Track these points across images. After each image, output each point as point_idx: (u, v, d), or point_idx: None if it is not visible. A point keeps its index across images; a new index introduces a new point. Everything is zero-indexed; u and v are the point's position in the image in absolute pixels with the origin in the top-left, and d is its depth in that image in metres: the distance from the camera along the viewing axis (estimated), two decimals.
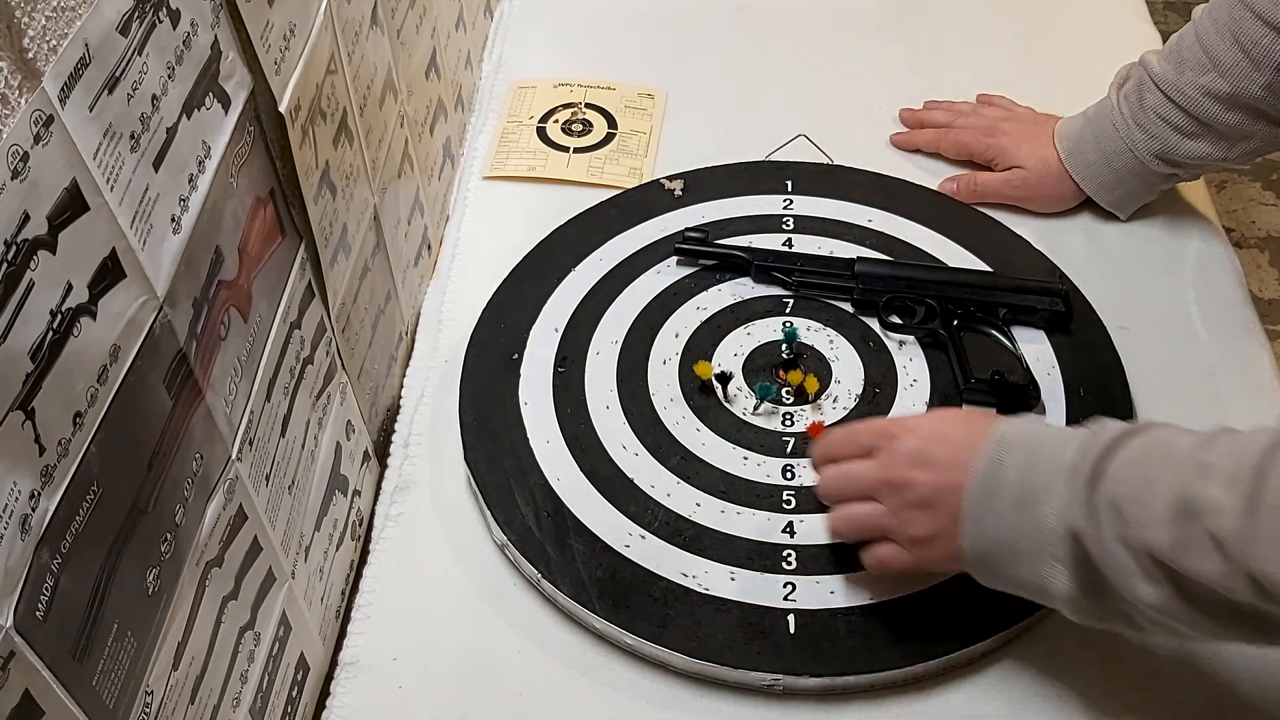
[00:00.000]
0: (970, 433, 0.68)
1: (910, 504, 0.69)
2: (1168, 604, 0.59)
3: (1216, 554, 0.56)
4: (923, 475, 0.68)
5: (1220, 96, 0.88)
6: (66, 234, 0.46)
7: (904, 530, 0.69)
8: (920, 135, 1.08)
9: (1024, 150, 1.01)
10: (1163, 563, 0.58)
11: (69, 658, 0.47)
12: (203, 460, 0.59)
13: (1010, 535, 0.64)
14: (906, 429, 0.71)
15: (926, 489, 0.68)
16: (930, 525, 0.68)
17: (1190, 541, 0.57)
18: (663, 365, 0.88)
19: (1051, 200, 1.01)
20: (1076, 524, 0.61)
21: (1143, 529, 0.59)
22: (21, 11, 0.43)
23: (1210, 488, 0.57)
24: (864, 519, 0.72)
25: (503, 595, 0.79)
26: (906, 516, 0.69)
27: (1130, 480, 0.60)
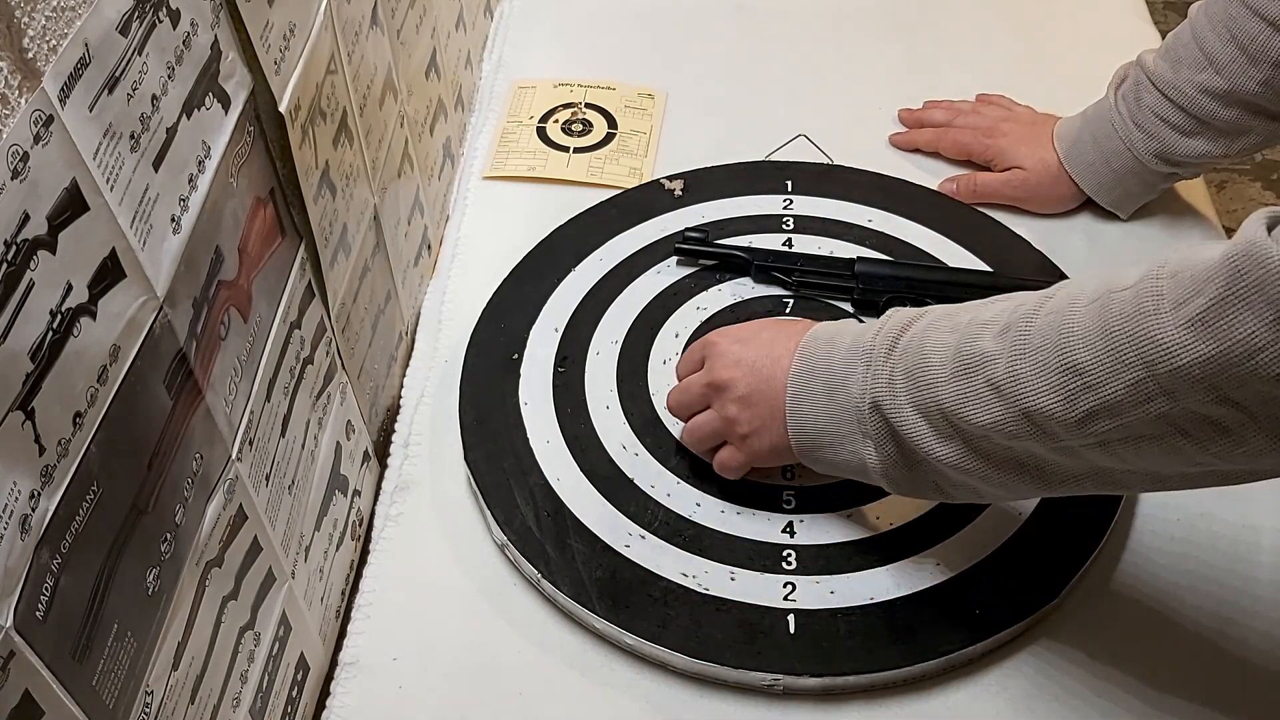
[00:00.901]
0: (784, 331, 0.75)
1: (733, 401, 0.74)
2: (962, 460, 0.64)
3: (993, 399, 0.61)
4: (741, 374, 0.74)
5: (1217, 94, 0.88)
6: (66, 234, 0.46)
7: (733, 430, 0.75)
8: (919, 135, 1.08)
9: (1023, 151, 1.01)
10: (951, 419, 0.63)
11: (69, 658, 0.47)
12: (203, 460, 0.59)
13: (826, 419, 0.70)
14: (725, 334, 0.77)
15: (745, 386, 0.73)
16: (753, 420, 0.74)
17: (971, 393, 0.62)
18: (663, 365, 0.88)
19: (1051, 201, 1.01)
20: (876, 397, 0.67)
21: (930, 389, 0.64)
22: (21, 11, 0.43)
23: (984, 340, 0.62)
24: (700, 426, 0.78)
25: (503, 595, 0.79)
26: (731, 414, 0.75)
27: (917, 348, 0.65)
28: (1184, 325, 0.52)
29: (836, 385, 0.69)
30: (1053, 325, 0.59)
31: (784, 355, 0.72)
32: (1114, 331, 0.55)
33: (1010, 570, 0.76)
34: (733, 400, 0.74)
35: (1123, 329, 0.55)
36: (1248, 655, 0.74)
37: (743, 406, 0.74)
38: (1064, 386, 0.58)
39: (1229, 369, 0.51)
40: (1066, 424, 0.58)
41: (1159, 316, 0.54)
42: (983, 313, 0.64)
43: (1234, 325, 0.51)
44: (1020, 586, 0.75)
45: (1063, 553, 0.77)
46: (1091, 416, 0.57)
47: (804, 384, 0.71)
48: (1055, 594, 0.75)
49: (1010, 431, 0.60)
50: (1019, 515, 0.78)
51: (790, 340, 0.73)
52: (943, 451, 0.64)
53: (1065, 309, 0.59)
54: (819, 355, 0.71)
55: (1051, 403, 0.58)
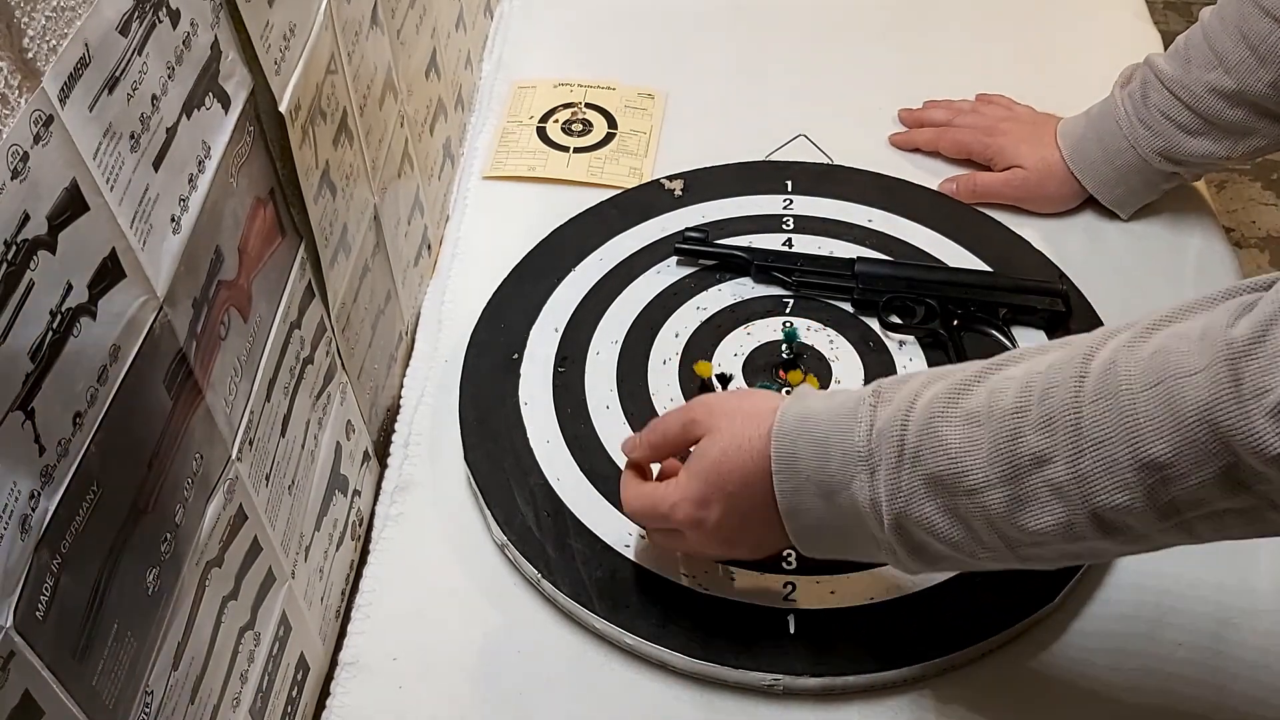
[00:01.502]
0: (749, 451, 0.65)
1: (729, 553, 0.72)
2: (1010, 560, 0.59)
3: (1057, 502, 0.55)
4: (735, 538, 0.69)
5: (1225, 93, 0.88)
6: (66, 234, 0.46)
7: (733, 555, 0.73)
8: (919, 134, 1.08)
9: (1024, 150, 1.01)
10: (1000, 526, 0.57)
11: (69, 658, 0.47)
12: (203, 460, 0.59)
13: (831, 525, 0.63)
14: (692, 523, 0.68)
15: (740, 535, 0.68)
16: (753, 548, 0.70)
17: (1027, 497, 0.56)
18: (663, 365, 0.88)
19: (1051, 200, 1.01)
20: (893, 509, 0.60)
21: (974, 496, 0.57)
22: (21, 11, 0.43)
23: (1027, 437, 0.56)
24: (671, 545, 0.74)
25: (503, 595, 0.79)
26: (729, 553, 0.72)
27: (942, 450, 0.58)
28: (1270, 415, 0.49)
29: (833, 491, 0.62)
30: (1110, 416, 0.54)
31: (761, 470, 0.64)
32: (1192, 423, 0.51)
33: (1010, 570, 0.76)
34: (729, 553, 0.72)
35: (1202, 419, 0.51)
36: (1247, 655, 0.74)
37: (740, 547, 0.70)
38: (1141, 482, 0.53)
39: None
40: (1146, 518, 0.54)
41: (1242, 405, 0.49)
42: (1001, 398, 0.57)
43: None
44: (1020, 587, 0.75)
45: None
46: (1175, 507, 0.53)
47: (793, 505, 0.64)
48: (1054, 595, 0.75)
49: (1077, 533, 0.56)
50: None
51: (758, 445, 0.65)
52: (983, 554, 0.59)
53: (1120, 395, 0.53)
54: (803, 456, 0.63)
55: (1129, 499, 0.54)
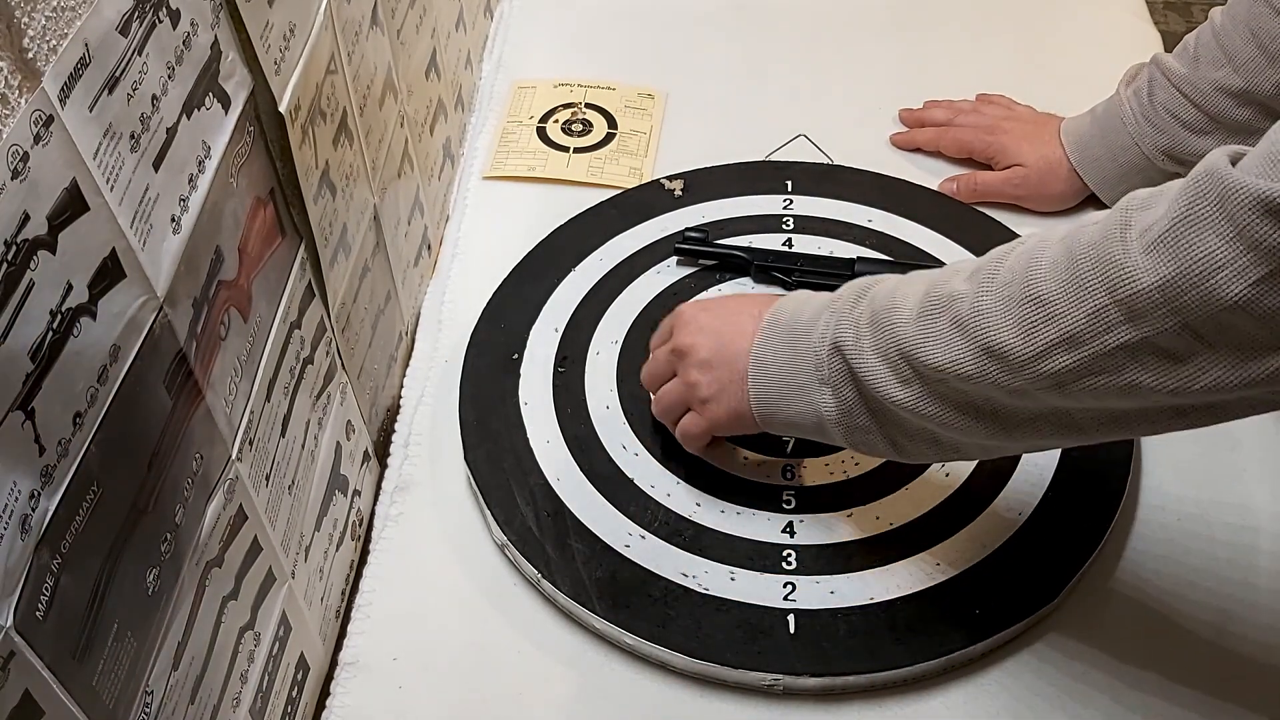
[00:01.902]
0: (751, 299, 0.77)
1: (695, 365, 0.75)
2: (918, 403, 0.63)
3: (955, 337, 0.60)
4: (704, 340, 0.74)
5: (1233, 92, 0.88)
6: (66, 234, 0.46)
7: (694, 394, 0.76)
8: (920, 134, 1.08)
9: (1025, 148, 1.01)
10: (911, 360, 0.63)
11: (69, 658, 0.47)
12: (203, 460, 0.59)
13: (786, 369, 0.70)
14: (692, 304, 0.79)
15: (707, 350, 0.74)
16: (713, 383, 0.74)
17: (933, 332, 0.62)
18: None
19: (1053, 199, 1.01)
20: (839, 339, 0.67)
21: (893, 330, 0.64)
22: (21, 11, 0.43)
23: (954, 283, 0.62)
24: (666, 394, 0.79)
25: (503, 595, 0.79)
26: (693, 379, 0.75)
27: (887, 294, 0.66)
28: (1146, 249, 0.52)
29: (800, 334, 0.69)
30: (1021, 262, 0.59)
31: (748, 320, 0.73)
32: (1078, 259, 0.56)
33: (1010, 570, 0.76)
34: (694, 364, 0.75)
35: (1087, 256, 0.55)
36: (1247, 654, 0.74)
37: (703, 370, 0.74)
38: (1024, 319, 0.57)
39: (1189, 290, 0.51)
40: (1024, 359, 0.58)
41: (1124, 243, 0.54)
42: (960, 264, 0.65)
43: (1194, 244, 0.51)
44: (1020, 586, 0.75)
45: (1063, 553, 0.77)
46: (1050, 350, 0.57)
47: (768, 339, 0.71)
48: (1055, 594, 0.75)
49: (967, 373, 0.60)
50: (1019, 515, 0.78)
51: (754, 306, 0.74)
52: (900, 395, 0.64)
53: (1035, 246, 0.59)
54: (787, 310, 0.72)
55: (1011, 337, 0.58)
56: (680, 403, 0.77)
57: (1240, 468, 0.84)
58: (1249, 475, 0.84)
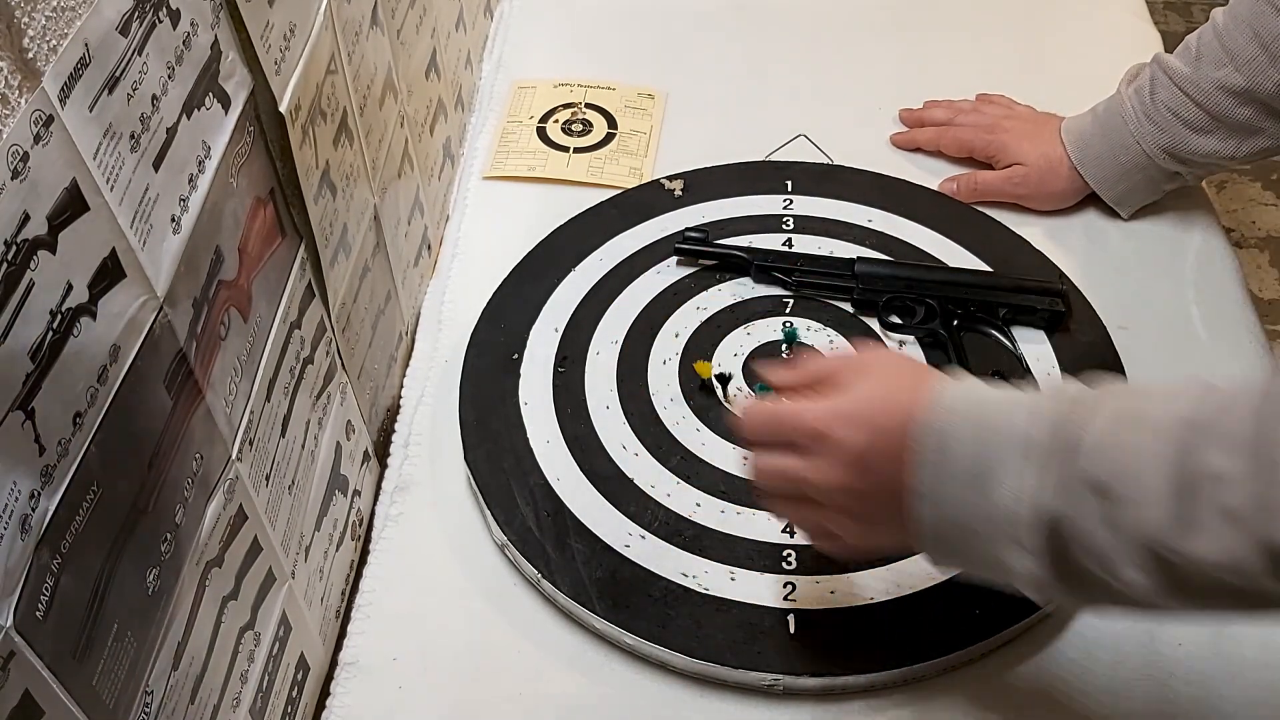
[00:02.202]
0: (908, 400, 0.60)
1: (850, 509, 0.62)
2: (1156, 591, 0.53)
3: (1228, 529, 0.50)
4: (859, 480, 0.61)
5: (1234, 90, 0.88)
6: (66, 234, 0.46)
7: (831, 499, 0.62)
8: (921, 134, 1.08)
9: (1025, 147, 1.01)
10: (1158, 547, 0.52)
11: (69, 658, 0.47)
12: (203, 460, 0.59)
13: (965, 516, 0.58)
14: (836, 419, 0.61)
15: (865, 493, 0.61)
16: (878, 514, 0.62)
17: (1195, 519, 0.50)
18: (663, 365, 0.88)
19: (1053, 198, 1.01)
20: (1049, 507, 0.54)
21: (1137, 509, 0.52)
22: (21, 11, 0.43)
23: (1211, 455, 0.50)
24: (808, 519, 0.66)
25: (503, 595, 0.79)
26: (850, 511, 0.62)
27: (1114, 455, 0.53)
28: None
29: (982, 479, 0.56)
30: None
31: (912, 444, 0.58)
32: None
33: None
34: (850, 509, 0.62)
35: None
36: (1247, 654, 0.74)
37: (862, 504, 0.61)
38: None
39: None
40: None
41: None
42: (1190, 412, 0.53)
43: None
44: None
45: None
46: None
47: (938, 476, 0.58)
48: None
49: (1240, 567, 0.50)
50: None
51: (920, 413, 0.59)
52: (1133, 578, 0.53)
53: None
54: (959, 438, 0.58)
55: None
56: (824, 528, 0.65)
57: None
58: None
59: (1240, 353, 0.92)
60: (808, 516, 0.66)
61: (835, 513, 0.63)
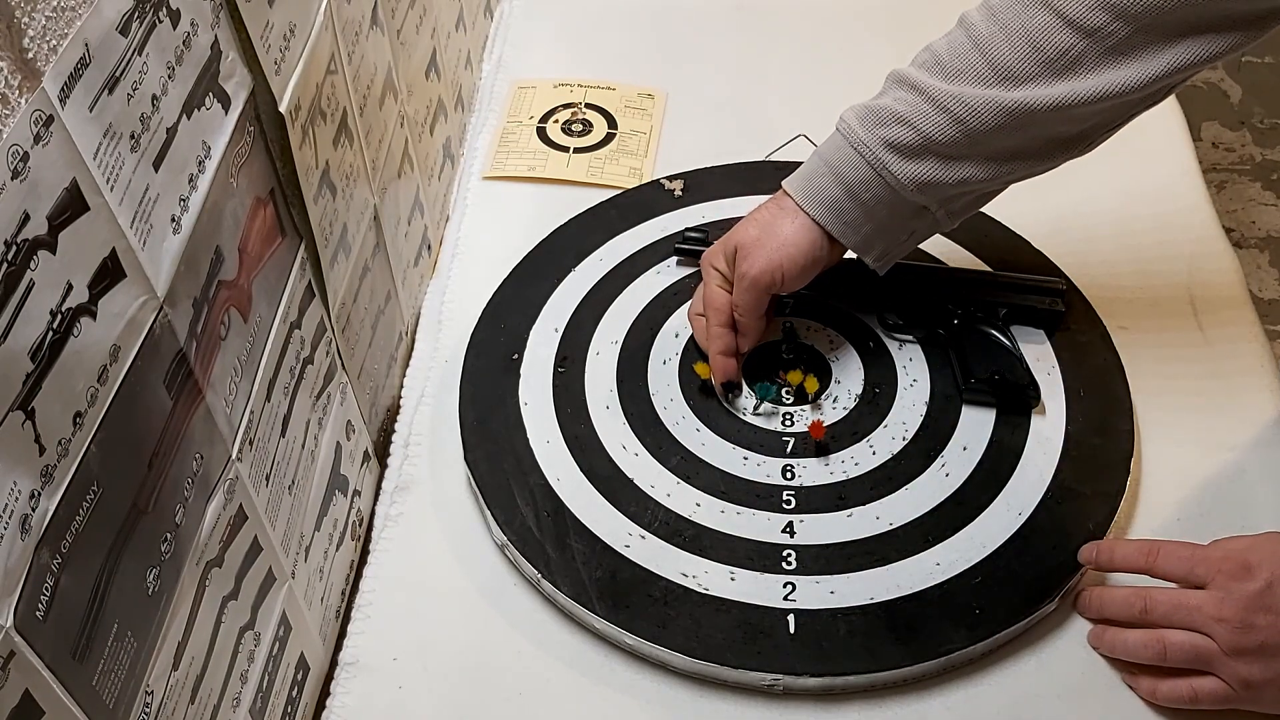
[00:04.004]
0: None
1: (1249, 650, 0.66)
2: None
3: None
4: (1267, 620, 0.65)
5: None
6: (66, 234, 0.46)
7: (1236, 672, 0.66)
8: None
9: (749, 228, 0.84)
10: None
11: (69, 658, 0.47)
12: (203, 460, 0.59)
13: None
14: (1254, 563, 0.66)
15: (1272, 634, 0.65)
16: (1268, 672, 0.65)
17: None
18: (663, 365, 0.88)
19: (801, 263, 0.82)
20: None
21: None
22: (21, 11, 0.43)
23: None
24: (1190, 650, 0.68)
25: (503, 595, 0.79)
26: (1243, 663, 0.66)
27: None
28: None
29: None
30: None
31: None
32: None
33: (1010, 570, 0.76)
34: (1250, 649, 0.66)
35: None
36: None
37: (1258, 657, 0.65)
38: None
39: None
40: None
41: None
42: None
43: None
44: (1020, 586, 0.75)
45: (1063, 553, 0.77)
46: None
47: None
48: (1055, 594, 0.75)
49: None
50: (1019, 515, 0.78)
51: None
52: None
53: None
54: None
55: None
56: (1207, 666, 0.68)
57: (1240, 468, 0.84)
58: (1249, 475, 0.84)
59: (1240, 353, 0.92)
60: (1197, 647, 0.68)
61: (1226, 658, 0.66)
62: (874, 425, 0.84)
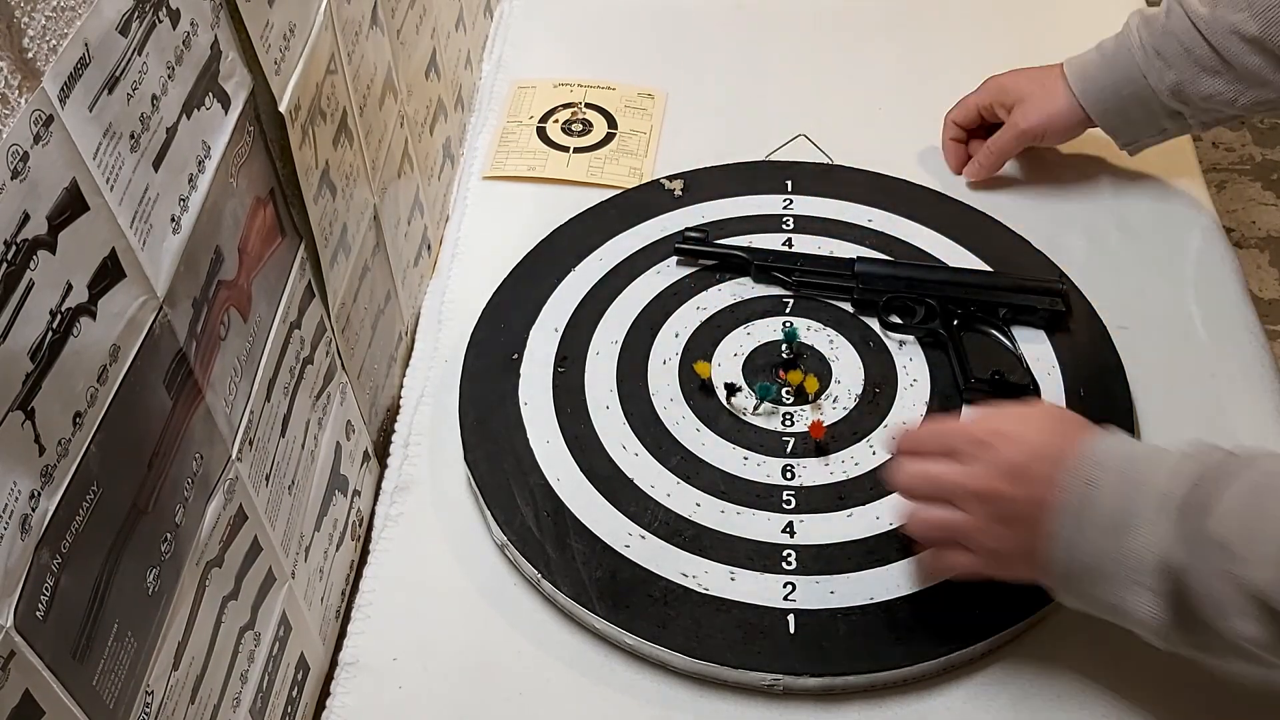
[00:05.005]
0: (1062, 446, 0.66)
1: (996, 517, 0.67)
2: (1267, 643, 0.57)
3: None
4: (1012, 489, 0.66)
5: (1247, 37, 0.88)
6: (66, 234, 0.46)
7: (984, 542, 0.68)
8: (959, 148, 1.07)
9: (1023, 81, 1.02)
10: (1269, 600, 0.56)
11: (69, 658, 0.47)
12: (203, 460, 0.59)
13: (1098, 560, 0.63)
14: (1002, 436, 0.67)
15: (1015, 504, 0.66)
16: (1014, 541, 0.66)
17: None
18: (663, 365, 0.88)
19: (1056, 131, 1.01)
20: (1175, 558, 0.60)
21: (1252, 567, 0.57)
22: (21, 11, 0.43)
23: None
24: (944, 524, 0.69)
25: (503, 595, 0.79)
26: (990, 529, 0.67)
27: (1244, 517, 0.58)
28: None
29: (1120, 528, 0.62)
30: None
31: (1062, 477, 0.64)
32: None
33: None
34: (997, 516, 0.67)
35: None
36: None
37: (1006, 524, 0.66)
38: None
39: None
40: None
41: None
42: None
43: None
44: (1020, 587, 0.75)
45: None
46: None
47: (1080, 515, 0.63)
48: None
49: None
50: None
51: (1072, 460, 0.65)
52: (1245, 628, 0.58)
53: None
54: (1104, 486, 0.63)
55: None
56: (960, 538, 0.69)
57: None
58: None
59: (1240, 353, 0.92)
60: (946, 521, 0.69)
61: (976, 524, 0.67)
62: (874, 425, 0.84)
